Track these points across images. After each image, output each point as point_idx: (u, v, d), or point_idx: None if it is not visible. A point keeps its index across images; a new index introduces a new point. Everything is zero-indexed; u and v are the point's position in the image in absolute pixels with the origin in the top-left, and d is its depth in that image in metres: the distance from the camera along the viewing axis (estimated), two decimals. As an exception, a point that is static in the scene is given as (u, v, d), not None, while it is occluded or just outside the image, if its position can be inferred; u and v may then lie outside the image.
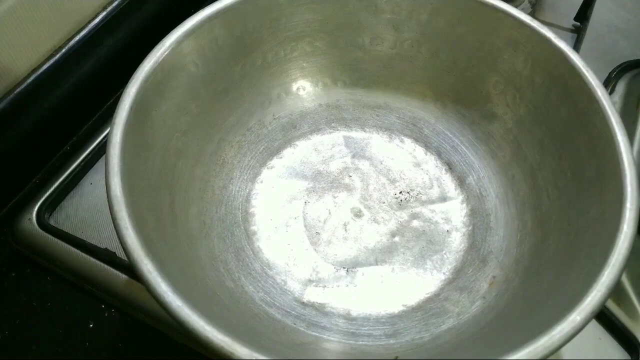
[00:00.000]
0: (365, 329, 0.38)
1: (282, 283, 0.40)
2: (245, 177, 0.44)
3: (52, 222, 0.44)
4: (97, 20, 0.48)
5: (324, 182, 0.45)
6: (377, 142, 0.47)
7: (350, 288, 0.40)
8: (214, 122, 0.43)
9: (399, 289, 0.40)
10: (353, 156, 0.47)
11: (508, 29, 0.41)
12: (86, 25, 0.48)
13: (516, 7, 0.41)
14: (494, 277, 0.39)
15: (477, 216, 0.43)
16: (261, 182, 0.45)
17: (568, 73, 0.38)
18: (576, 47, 0.57)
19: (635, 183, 0.32)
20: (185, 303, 0.27)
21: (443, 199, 0.45)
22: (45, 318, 0.41)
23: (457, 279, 0.40)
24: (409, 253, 0.42)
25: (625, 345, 0.40)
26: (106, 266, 0.42)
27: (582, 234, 0.34)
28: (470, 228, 0.43)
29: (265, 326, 0.36)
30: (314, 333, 0.37)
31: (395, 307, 0.39)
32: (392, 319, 0.38)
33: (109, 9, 0.49)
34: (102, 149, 0.48)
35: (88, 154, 0.48)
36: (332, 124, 0.48)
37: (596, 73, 0.37)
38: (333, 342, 0.36)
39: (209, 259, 0.38)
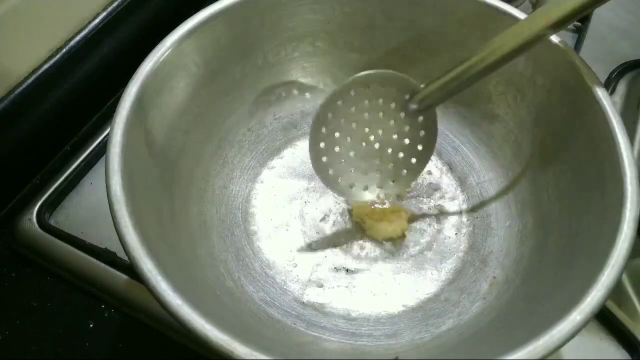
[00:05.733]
0: (365, 329, 0.38)
1: (282, 283, 0.40)
2: (246, 177, 0.44)
3: (52, 222, 0.44)
4: (97, 20, 0.48)
5: (324, 182, 0.45)
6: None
7: (350, 288, 0.40)
8: (214, 122, 0.43)
9: (399, 289, 0.40)
10: (353, 156, 0.46)
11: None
12: (87, 25, 0.48)
13: (517, 7, 0.41)
14: (494, 277, 0.39)
15: (477, 217, 0.43)
16: (261, 182, 0.45)
17: (569, 73, 0.38)
18: (577, 47, 0.57)
19: (635, 183, 0.32)
20: (185, 302, 0.27)
21: (444, 199, 0.44)
22: (45, 318, 0.41)
23: (458, 280, 0.40)
24: (409, 253, 0.42)
25: (625, 345, 0.40)
26: (106, 266, 0.42)
27: (582, 234, 0.34)
28: (470, 229, 0.43)
29: (265, 326, 0.36)
30: (313, 333, 0.37)
31: (396, 308, 0.39)
32: (392, 319, 0.38)
33: (109, 9, 0.49)
34: (102, 149, 0.48)
35: (88, 154, 0.48)
36: (333, 124, 0.48)
37: (597, 73, 0.37)
38: (333, 342, 0.36)
39: (209, 258, 0.38)
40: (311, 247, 0.42)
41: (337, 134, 0.38)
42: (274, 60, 0.45)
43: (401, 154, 0.40)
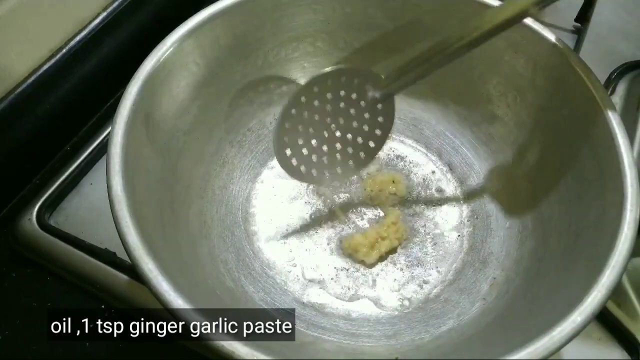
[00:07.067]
0: (365, 329, 0.38)
1: (282, 283, 0.40)
2: (246, 177, 0.45)
3: (52, 222, 0.44)
4: (97, 20, 0.48)
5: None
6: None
7: (351, 289, 0.40)
8: (214, 122, 0.43)
9: (399, 289, 0.40)
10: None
11: (509, 31, 0.41)
12: (87, 25, 0.48)
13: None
14: (494, 278, 0.39)
15: (477, 217, 0.43)
16: (262, 182, 0.45)
17: (569, 74, 0.38)
18: (577, 48, 0.57)
19: (635, 184, 0.32)
20: (186, 302, 0.27)
21: (444, 200, 0.45)
22: (46, 318, 0.41)
23: (458, 280, 0.40)
24: (410, 254, 0.42)
25: (625, 346, 0.40)
26: (106, 266, 0.42)
27: (582, 235, 0.34)
28: (470, 229, 0.43)
29: (265, 326, 0.36)
30: (314, 333, 0.37)
31: (396, 308, 0.39)
32: (392, 320, 0.38)
33: (109, 9, 0.49)
34: (103, 149, 0.48)
35: (88, 154, 0.48)
36: (333, 125, 0.48)
37: (597, 74, 0.37)
38: (333, 343, 0.36)
39: (209, 258, 0.38)
40: (311, 247, 0.42)
41: (300, 127, 0.40)
42: (274, 60, 0.45)
43: (360, 139, 0.41)
